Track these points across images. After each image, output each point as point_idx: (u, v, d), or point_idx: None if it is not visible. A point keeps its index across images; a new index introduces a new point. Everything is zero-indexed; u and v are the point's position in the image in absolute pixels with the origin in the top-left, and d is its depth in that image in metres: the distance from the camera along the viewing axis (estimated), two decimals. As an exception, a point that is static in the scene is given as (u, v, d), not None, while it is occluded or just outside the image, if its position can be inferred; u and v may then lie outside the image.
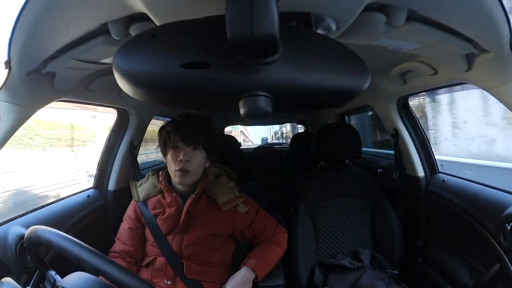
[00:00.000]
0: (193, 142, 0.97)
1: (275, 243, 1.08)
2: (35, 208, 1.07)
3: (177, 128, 0.97)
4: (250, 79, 0.40)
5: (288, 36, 0.42)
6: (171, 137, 0.98)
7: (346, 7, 0.54)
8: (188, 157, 0.96)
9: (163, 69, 0.39)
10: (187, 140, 0.96)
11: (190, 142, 0.96)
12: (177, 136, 0.97)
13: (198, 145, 0.98)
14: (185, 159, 0.95)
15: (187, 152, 0.96)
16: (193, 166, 0.97)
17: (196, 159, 0.98)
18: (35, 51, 0.67)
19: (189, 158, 0.96)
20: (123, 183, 1.43)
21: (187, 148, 0.97)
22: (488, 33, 0.64)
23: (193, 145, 0.97)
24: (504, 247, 0.92)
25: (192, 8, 0.50)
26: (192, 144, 0.97)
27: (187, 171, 0.96)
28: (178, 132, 0.97)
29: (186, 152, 0.96)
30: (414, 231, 1.42)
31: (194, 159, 0.97)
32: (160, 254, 1.01)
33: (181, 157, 0.95)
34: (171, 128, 0.98)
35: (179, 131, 0.97)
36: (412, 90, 1.28)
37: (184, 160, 0.95)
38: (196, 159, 0.98)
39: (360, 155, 1.44)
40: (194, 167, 0.97)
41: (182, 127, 0.97)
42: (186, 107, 1.19)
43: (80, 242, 0.56)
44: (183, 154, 0.95)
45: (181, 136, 0.96)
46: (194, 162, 0.97)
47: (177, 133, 0.97)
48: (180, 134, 0.96)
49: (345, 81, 0.45)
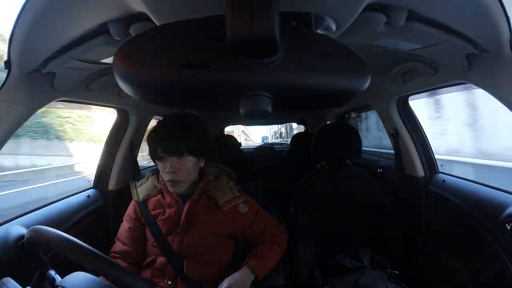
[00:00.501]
0: (175, 152, 0.93)
1: (275, 243, 1.08)
2: (35, 208, 1.07)
3: (158, 139, 0.94)
4: (250, 79, 0.40)
5: (288, 36, 0.42)
6: (155, 148, 0.95)
7: (346, 7, 0.54)
8: (175, 168, 0.93)
9: (163, 69, 0.39)
10: (169, 151, 0.93)
11: (173, 152, 0.93)
12: (159, 147, 0.94)
13: (181, 153, 0.94)
14: (171, 170, 0.93)
15: (172, 163, 0.93)
16: (182, 175, 0.95)
17: (184, 167, 0.95)
18: (35, 51, 0.67)
19: (176, 169, 0.94)
20: (123, 183, 1.43)
21: (172, 158, 0.94)
22: (488, 33, 0.64)
23: (177, 155, 0.94)
24: (504, 247, 0.92)
25: (192, 8, 0.50)
26: (175, 154, 0.93)
27: (178, 181, 0.95)
28: (159, 144, 0.94)
29: (171, 163, 0.93)
30: (414, 231, 1.42)
31: (181, 167, 0.94)
32: (160, 254, 1.00)
33: (167, 169, 0.93)
34: (153, 140, 0.96)
35: (160, 143, 0.93)
36: (412, 90, 1.28)
37: (171, 172, 0.93)
38: (184, 167, 0.95)
39: (360, 155, 1.44)
40: (183, 175, 0.95)
41: (163, 138, 0.94)
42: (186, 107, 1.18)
43: (80, 242, 0.56)
44: (169, 166, 0.93)
45: (162, 148, 0.93)
46: (182, 170, 0.95)
47: (158, 145, 0.94)
48: (162, 146, 0.93)
49: (345, 81, 0.45)
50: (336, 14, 0.55)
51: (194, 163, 0.98)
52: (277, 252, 1.07)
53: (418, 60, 0.99)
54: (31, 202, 2.03)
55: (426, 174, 1.40)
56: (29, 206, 1.08)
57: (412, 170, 1.43)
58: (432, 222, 1.35)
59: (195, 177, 1.02)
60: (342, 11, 0.55)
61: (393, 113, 1.46)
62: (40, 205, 1.12)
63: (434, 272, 1.26)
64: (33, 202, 1.42)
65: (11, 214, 0.97)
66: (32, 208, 1.07)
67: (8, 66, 0.68)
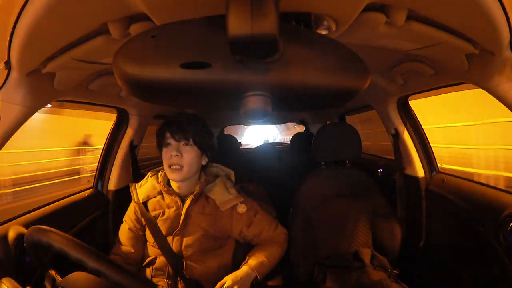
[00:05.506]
0: (182, 138, 0.99)
1: (275, 243, 1.08)
2: (35, 208, 1.07)
3: (167, 126, 1.00)
4: (250, 79, 0.40)
5: (288, 36, 0.42)
6: (163, 135, 1.00)
7: (346, 7, 0.54)
8: (179, 152, 0.97)
9: (163, 69, 0.39)
10: (176, 136, 0.98)
11: (180, 137, 0.98)
12: (167, 133, 0.99)
13: (188, 140, 0.99)
14: (175, 154, 0.97)
15: (178, 147, 0.98)
16: (185, 161, 0.98)
17: (187, 154, 0.98)
18: (35, 51, 0.67)
19: (180, 153, 0.98)
20: (123, 183, 1.43)
21: (178, 143, 0.99)
22: (488, 33, 0.64)
23: (183, 141, 0.99)
24: (504, 247, 0.92)
25: (192, 8, 0.49)
26: (182, 140, 0.99)
27: (180, 166, 0.97)
28: (169, 129, 0.99)
29: (177, 147, 0.98)
30: (414, 231, 1.42)
31: (185, 154, 0.98)
32: (160, 254, 1.01)
33: (172, 153, 0.97)
34: (162, 127, 1.01)
35: (169, 129, 0.99)
36: (412, 90, 1.28)
37: (175, 155, 0.97)
38: (187, 154, 0.99)
39: (360, 155, 1.43)
40: (186, 161, 0.98)
41: (172, 125, 1.00)
42: (186, 107, 1.19)
43: (80, 242, 0.56)
44: (174, 149, 0.97)
45: (170, 133, 0.99)
46: (186, 157, 0.98)
47: (167, 131, 0.99)
48: (170, 131, 0.99)
49: (345, 81, 0.45)
50: (336, 14, 0.55)
51: (197, 155, 1.01)
52: (277, 252, 1.06)
53: (418, 60, 0.99)
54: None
55: (426, 174, 1.40)
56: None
57: (412, 170, 1.43)
58: (432, 222, 1.35)
59: (196, 171, 1.03)
60: (342, 11, 0.55)
61: (393, 113, 1.46)
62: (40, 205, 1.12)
63: (434, 272, 1.25)
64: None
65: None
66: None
67: (8, 66, 0.68)
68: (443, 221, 1.27)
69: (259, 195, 1.25)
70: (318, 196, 1.37)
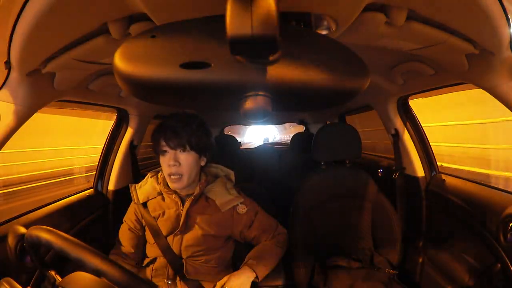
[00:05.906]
0: (178, 145, 0.94)
1: (275, 243, 1.08)
2: (35, 208, 1.07)
3: (162, 133, 0.95)
4: (250, 79, 0.40)
5: (288, 36, 0.42)
6: (158, 142, 0.96)
7: (346, 7, 0.54)
8: (176, 162, 0.94)
9: (163, 69, 0.39)
10: (171, 143, 0.94)
11: (175, 145, 0.94)
12: (162, 140, 0.95)
13: (184, 147, 0.95)
14: (173, 163, 0.94)
15: (175, 156, 0.94)
16: (184, 169, 0.95)
17: (185, 162, 0.95)
18: (35, 51, 0.67)
19: (177, 162, 0.94)
20: (123, 183, 1.43)
21: (174, 151, 0.95)
22: (488, 33, 0.64)
23: (179, 148, 0.95)
24: (504, 246, 0.92)
25: (192, 8, 0.49)
26: (178, 147, 0.94)
27: (179, 175, 0.95)
28: (163, 136, 0.95)
29: (174, 156, 0.94)
30: (414, 231, 1.42)
31: (183, 162, 0.95)
32: (160, 255, 1.01)
33: (170, 162, 0.94)
34: (157, 134, 0.97)
35: (163, 136, 0.95)
36: (412, 90, 1.28)
37: (172, 165, 0.94)
38: (185, 161, 0.95)
39: (360, 155, 1.43)
40: (185, 170, 0.95)
41: (167, 131, 0.95)
42: (186, 107, 1.19)
43: (80, 242, 0.56)
44: (171, 159, 0.94)
45: (165, 140, 0.94)
46: (184, 164, 0.95)
47: (162, 138, 0.95)
48: (165, 138, 0.94)
49: (345, 81, 0.45)
50: (336, 14, 0.55)
51: (196, 159, 0.98)
52: (277, 252, 1.06)
53: (418, 60, 0.99)
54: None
55: (426, 174, 1.40)
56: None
57: (412, 170, 1.43)
58: (432, 222, 1.35)
59: (196, 174, 1.01)
60: (342, 11, 0.55)
61: (393, 113, 1.46)
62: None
63: (434, 272, 1.25)
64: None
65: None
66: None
67: (8, 66, 0.68)
68: (443, 221, 1.27)
69: (259, 195, 1.25)
70: (318, 196, 1.37)
